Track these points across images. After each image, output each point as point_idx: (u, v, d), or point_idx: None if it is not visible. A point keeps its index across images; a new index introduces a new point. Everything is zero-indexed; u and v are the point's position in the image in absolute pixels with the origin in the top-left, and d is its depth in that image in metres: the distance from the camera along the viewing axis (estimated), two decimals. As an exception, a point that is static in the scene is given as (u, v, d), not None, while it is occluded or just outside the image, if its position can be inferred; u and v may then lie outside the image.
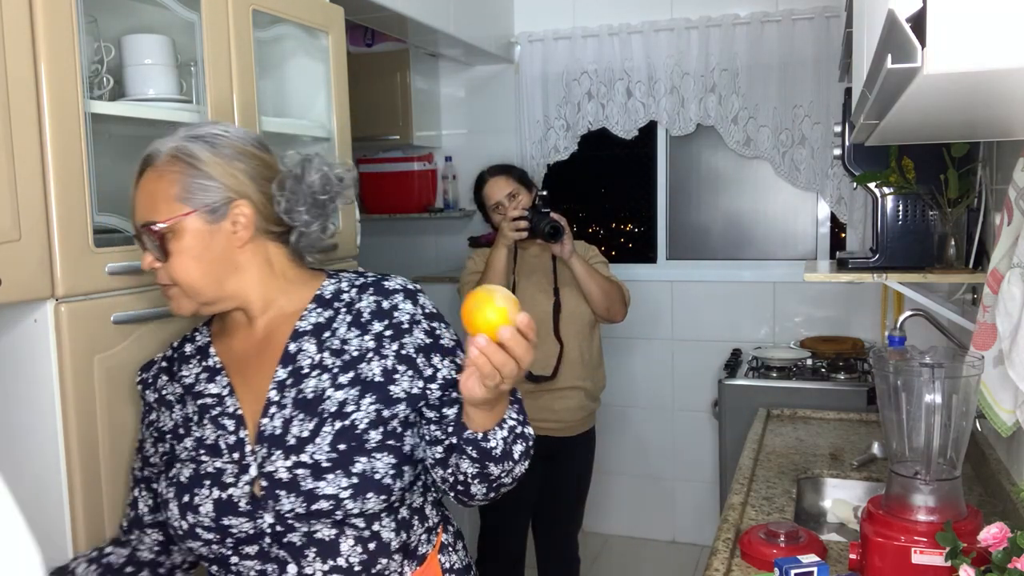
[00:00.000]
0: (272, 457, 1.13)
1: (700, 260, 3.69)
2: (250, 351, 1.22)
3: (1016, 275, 1.31)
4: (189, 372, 1.26)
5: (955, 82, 0.72)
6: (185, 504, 1.15)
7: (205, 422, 1.19)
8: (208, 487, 1.14)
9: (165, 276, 1.18)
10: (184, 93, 1.70)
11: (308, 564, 1.13)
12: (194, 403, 1.22)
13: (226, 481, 1.14)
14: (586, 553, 2.95)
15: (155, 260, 1.17)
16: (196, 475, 1.16)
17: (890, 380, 1.30)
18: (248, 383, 1.20)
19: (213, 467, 1.16)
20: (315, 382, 1.16)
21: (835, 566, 1.41)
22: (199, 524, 1.14)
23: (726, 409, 3.01)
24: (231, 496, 1.13)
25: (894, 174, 1.99)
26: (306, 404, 1.15)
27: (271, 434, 1.15)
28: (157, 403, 1.27)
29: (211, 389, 1.21)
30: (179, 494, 1.16)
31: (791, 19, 3.25)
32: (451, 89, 3.88)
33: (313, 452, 1.12)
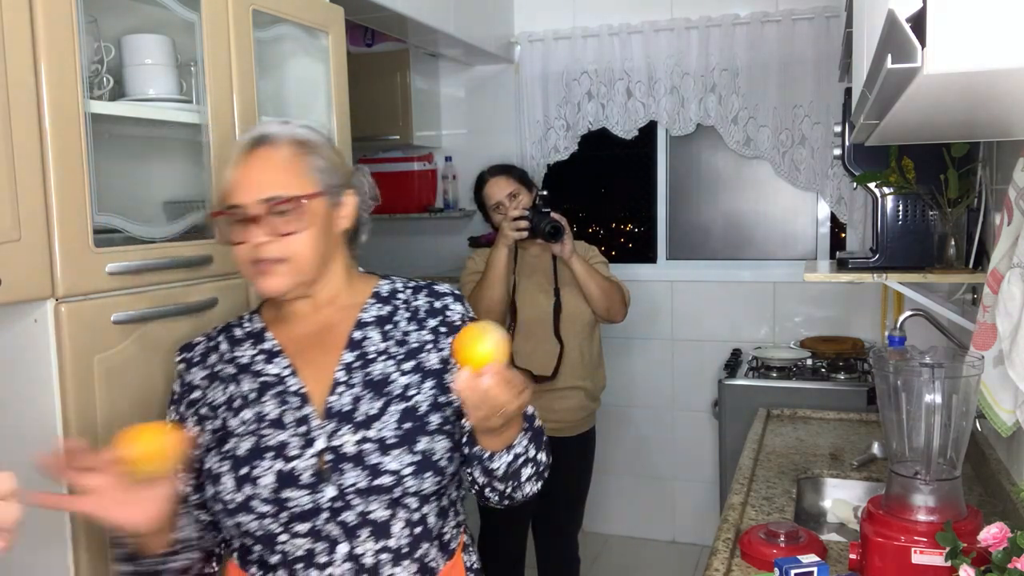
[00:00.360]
0: (340, 432, 1.17)
1: (700, 260, 3.69)
2: (310, 337, 1.26)
3: (1016, 275, 1.31)
4: (243, 353, 1.27)
5: (955, 82, 0.72)
6: (243, 476, 1.15)
7: (265, 399, 1.21)
8: (270, 459, 1.16)
9: (276, 250, 1.18)
10: (184, 93, 1.70)
11: (360, 544, 1.16)
12: (252, 381, 1.23)
13: (290, 454, 1.16)
14: (586, 553, 2.95)
15: (271, 233, 1.17)
16: (257, 448, 1.17)
17: (890, 380, 1.30)
18: (309, 366, 1.23)
19: (276, 440, 1.17)
20: (381, 366, 1.23)
21: (835, 566, 1.41)
22: (256, 496, 1.15)
23: (726, 409, 3.01)
24: (294, 469, 1.15)
25: (894, 174, 1.99)
26: (374, 385, 1.21)
27: (339, 410, 1.19)
28: (208, 379, 1.26)
29: (271, 369, 1.24)
30: (236, 467, 1.16)
31: (791, 19, 3.25)
32: (451, 89, 3.88)
33: (380, 428, 1.18)
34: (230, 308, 1.68)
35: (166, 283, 1.54)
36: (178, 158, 1.83)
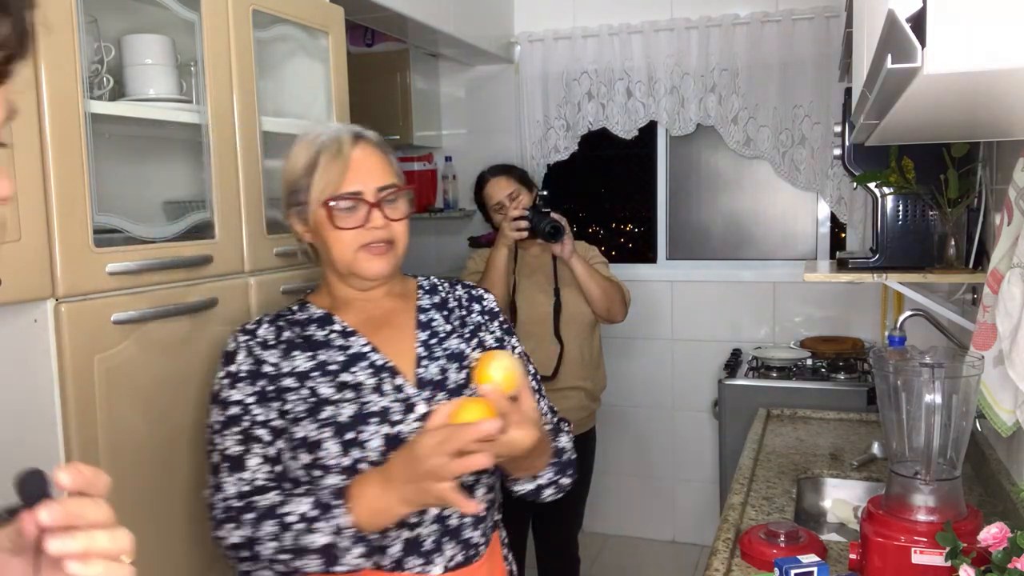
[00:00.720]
0: (436, 398, 1.27)
1: (700, 260, 3.69)
2: (377, 320, 1.34)
3: (1016, 275, 1.31)
4: (314, 332, 1.31)
5: (955, 82, 0.72)
6: (349, 440, 1.21)
7: (355, 370, 1.27)
8: (376, 423, 1.22)
9: (387, 234, 1.30)
10: (184, 93, 1.70)
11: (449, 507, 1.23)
12: (337, 353, 1.29)
13: (394, 418, 1.23)
14: (586, 553, 2.95)
15: (387, 217, 1.29)
16: (360, 414, 1.23)
17: (890, 380, 1.30)
18: (384, 344, 1.31)
19: (379, 406, 1.24)
20: (454, 342, 1.36)
21: (835, 566, 1.41)
22: (364, 459, 1.20)
23: (726, 409, 3.01)
24: (399, 432, 1.22)
25: (894, 174, 1.99)
26: (453, 357, 1.33)
27: (431, 379, 1.29)
28: (287, 349, 1.28)
29: (351, 345, 1.30)
30: (340, 432, 1.21)
31: (791, 19, 3.25)
32: (451, 89, 3.88)
33: (468, 394, 1.28)
34: (230, 308, 1.68)
35: (166, 283, 1.54)
36: (178, 158, 1.83)
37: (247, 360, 1.28)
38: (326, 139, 1.29)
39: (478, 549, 1.31)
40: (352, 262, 1.29)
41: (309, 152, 1.29)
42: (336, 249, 1.29)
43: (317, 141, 1.30)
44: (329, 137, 1.30)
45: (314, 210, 1.28)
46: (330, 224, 1.27)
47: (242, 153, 1.72)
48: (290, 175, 1.31)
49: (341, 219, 1.27)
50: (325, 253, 1.33)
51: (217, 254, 1.65)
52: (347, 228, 1.27)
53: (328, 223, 1.27)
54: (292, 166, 1.31)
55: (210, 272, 1.65)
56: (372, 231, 1.28)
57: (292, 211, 1.33)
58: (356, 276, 1.31)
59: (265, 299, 1.77)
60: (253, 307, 1.75)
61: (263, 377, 1.26)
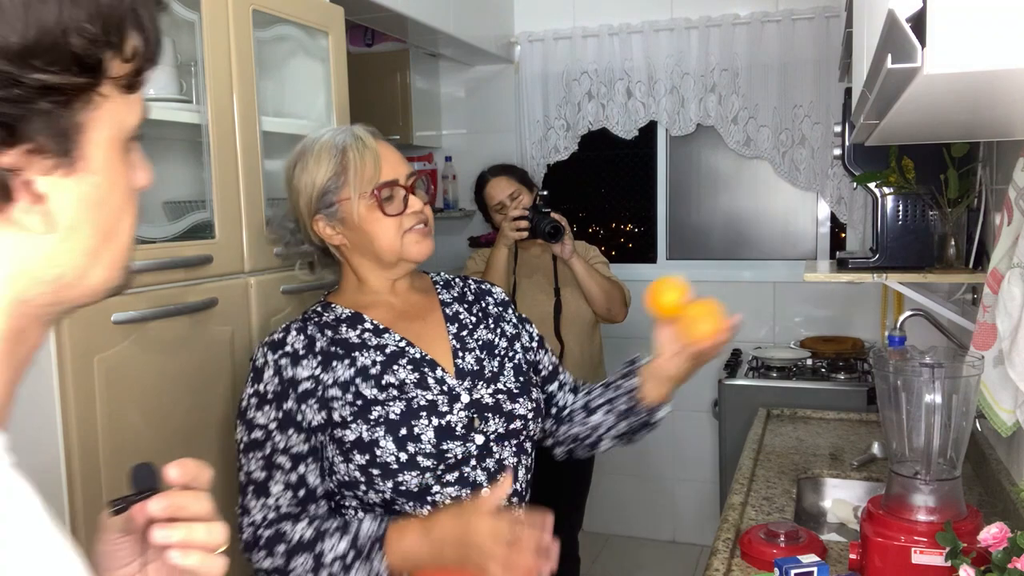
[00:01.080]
0: (477, 387, 1.33)
1: (700, 260, 3.69)
2: (405, 316, 1.38)
3: (1016, 275, 1.31)
4: (348, 333, 1.33)
5: (955, 82, 0.72)
6: (404, 436, 1.25)
7: (396, 368, 1.30)
8: (426, 416, 1.27)
9: (427, 216, 1.38)
10: (184, 93, 1.70)
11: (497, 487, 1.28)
12: (374, 353, 1.31)
13: (441, 410, 1.28)
14: (586, 553, 2.95)
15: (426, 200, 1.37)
16: (410, 409, 1.27)
17: (890, 380, 1.30)
18: (417, 338, 1.35)
19: (425, 400, 1.29)
20: (483, 332, 1.42)
21: (835, 566, 1.41)
22: (420, 452, 1.25)
23: (726, 409, 3.01)
24: (448, 422, 1.28)
25: (894, 174, 1.99)
26: (485, 347, 1.40)
27: (470, 370, 1.35)
28: (322, 364, 1.28)
29: (388, 342, 1.33)
30: (394, 429, 1.25)
31: (791, 19, 3.25)
32: (451, 89, 3.88)
33: (505, 381, 1.37)
34: (230, 308, 1.68)
35: (166, 283, 1.54)
36: (178, 158, 1.83)
37: (274, 380, 1.27)
38: (344, 139, 1.33)
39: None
40: (401, 247, 1.33)
41: (332, 154, 1.32)
42: (384, 238, 1.32)
43: (335, 142, 1.32)
44: (347, 136, 1.33)
45: (356, 205, 1.30)
46: (379, 212, 1.31)
47: (242, 153, 1.72)
48: (318, 180, 1.32)
49: (392, 206, 1.32)
50: (365, 247, 1.34)
51: (217, 254, 1.65)
52: (394, 215, 1.32)
53: (377, 211, 1.31)
54: (317, 172, 1.32)
55: (210, 272, 1.65)
56: (415, 214, 1.34)
57: (319, 216, 1.33)
58: (405, 261, 1.35)
59: (265, 299, 1.77)
60: (253, 307, 1.75)
61: (292, 397, 1.26)
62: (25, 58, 0.46)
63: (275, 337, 1.31)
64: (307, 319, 1.35)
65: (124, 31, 0.50)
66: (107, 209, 0.54)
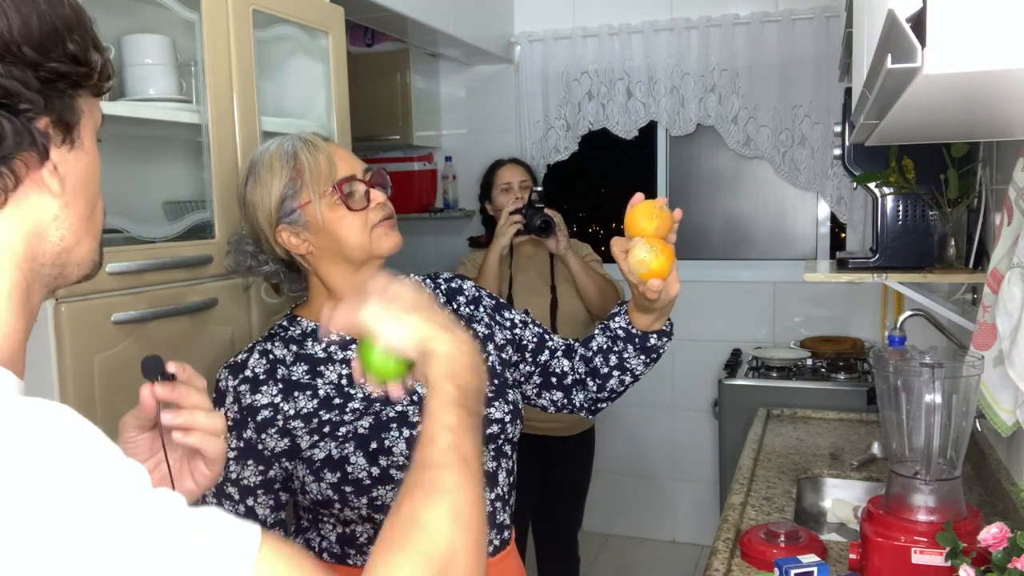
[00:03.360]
0: None
1: (700, 260, 3.69)
2: None
3: (1016, 275, 1.31)
4: (312, 349, 1.29)
5: (955, 82, 0.72)
6: (375, 450, 1.22)
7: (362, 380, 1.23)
8: (396, 428, 1.24)
9: (392, 210, 1.32)
10: (184, 93, 1.70)
11: None
12: (340, 367, 1.28)
13: (412, 420, 1.25)
14: (586, 553, 2.95)
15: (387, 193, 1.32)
16: (379, 423, 1.24)
17: (890, 380, 1.30)
18: None
19: (394, 411, 1.25)
20: None
21: (835, 566, 1.41)
22: (393, 465, 1.22)
23: (726, 409, 3.01)
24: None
25: (894, 174, 1.99)
26: None
27: None
28: (284, 392, 1.25)
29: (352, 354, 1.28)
30: (364, 444, 1.22)
31: (791, 19, 3.25)
32: (451, 89, 3.88)
33: None
34: (230, 308, 1.68)
35: (166, 283, 1.54)
36: (178, 158, 1.83)
37: (233, 407, 1.25)
38: (292, 145, 1.28)
39: (510, 531, 1.36)
40: (369, 242, 1.28)
41: (283, 160, 1.27)
42: (351, 236, 1.27)
43: (284, 150, 1.28)
44: (294, 141, 1.28)
45: (318, 206, 1.25)
46: (344, 209, 1.26)
47: (242, 153, 1.72)
48: (274, 190, 1.26)
49: (357, 202, 1.27)
50: (333, 250, 1.29)
51: (217, 254, 1.65)
52: (359, 209, 1.27)
53: (342, 208, 1.26)
54: (271, 182, 1.27)
55: (210, 272, 1.65)
56: (380, 207, 1.29)
57: (282, 227, 1.27)
58: (375, 256, 1.29)
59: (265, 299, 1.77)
60: (253, 307, 1.75)
61: (251, 426, 1.24)
62: (45, 48, 0.58)
63: (238, 359, 1.28)
64: (272, 335, 1.32)
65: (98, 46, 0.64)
66: (92, 186, 0.66)
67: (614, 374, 1.38)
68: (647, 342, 1.35)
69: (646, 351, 1.36)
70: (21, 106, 0.58)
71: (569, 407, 1.44)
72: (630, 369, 1.38)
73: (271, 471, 1.25)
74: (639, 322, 1.33)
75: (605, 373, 1.39)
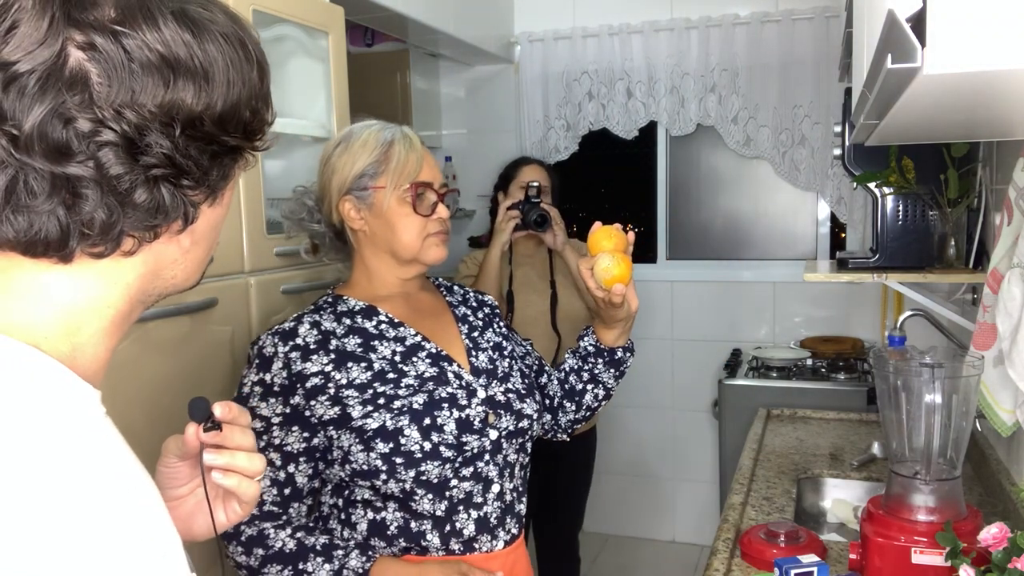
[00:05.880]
0: (491, 385, 1.37)
1: (700, 260, 3.69)
2: (417, 313, 1.41)
3: (1016, 275, 1.31)
4: (363, 324, 1.35)
5: (955, 82, 0.72)
6: (428, 426, 1.27)
7: (415, 360, 1.34)
8: (447, 408, 1.30)
9: (448, 226, 1.40)
10: (184, 93, 1.70)
11: (504, 483, 1.36)
12: (394, 344, 1.34)
13: (461, 403, 1.32)
14: (586, 553, 2.95)
15: (450, 213, 1.41)
16: (432, 400, 1.30)
17: (890, 380, 1.30)
18: (432, 335, 1.39)
19: (446, 392, 1.32)
20: (490, 335, 1.47)
21: (835, 566, 1.41)
22: (443, 442, 1.28)
23: (726, 409, 3.01)
24: (468, 416, 1.32)
25: (894, 174, 1.99)
26: (496, 348, 1.45)
27: (484, 368, 1.39)
28: (337, 360, 1.30)
29: (405, 336, 1.36)
30: (418, 418, 1.27)
31: (791, 19, 3.24)
32: (451, 89, 3.88)
33: (514, 381, 1.41)
34: (230, 308, 1.68)
35: (166, 283, 1.54)
36: (178, 158, 1.83)
37: (282, 373, 1.28)
38: (392, 134, 1.37)
39: (524, 521, 1.43)
40: (420, 248, 1.36)
41: (378, 142, 1.36)
42: (406, 234, 1.35)
43: (383, 135, 1.37)
44: (396, 132, 1.38)
45: (389, 195, 1.34)
46: (410, 208, 1.34)
47: (242, 153, 1.72)
48: (358, 163, 1.35)
49: (424, 206, 1.36)
50: (384, 239, 1.36)
51: (217, 254, 1.64)
52: (424, 215, 1.35)
53: (408, 207, 1.35)
54: (359, 155, 1.35)
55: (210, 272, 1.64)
56: (440, 221, 1.38)
57: (348, 196, 1.35)
58: (419, 262, 1.38)
59: (265, 299, 1.77)
60: (253, 307, 1.75)
61: (300, 392, 1.28)
62: (223, 122, 0.61)
63: (286, 326, 1.33)
64: (319, 308, 1.37)
65: (268, 105, 0.67)
66: (217, 233, 0.71)
67: (588, 388, 1.51)
68: (614, 355, 1.49)
69: (614, 364, 1.50)
70: (184, 181, 0.60)
71: (555, 428, 1.56)
72: (602, 382, 1.50)
73: (315, 439, 1.29)
74: (605, 338, 1.47)
75: (580, 389, 1.51)
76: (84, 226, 0.56)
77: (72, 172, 0.55)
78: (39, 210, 0.55)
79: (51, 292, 0.59)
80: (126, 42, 0.55)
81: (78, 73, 0.54)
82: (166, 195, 0.59)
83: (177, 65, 0.57)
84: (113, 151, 0.55)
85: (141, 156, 0.57)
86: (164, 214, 0.59)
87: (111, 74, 0.55)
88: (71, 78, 0.54)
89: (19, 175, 0.54)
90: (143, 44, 0.56)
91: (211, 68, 0.59)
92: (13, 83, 0.53)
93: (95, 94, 0.54)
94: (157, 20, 0.56)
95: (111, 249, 0.59)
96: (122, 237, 0.59)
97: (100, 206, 0.56)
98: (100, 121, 0.55)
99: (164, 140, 0.57)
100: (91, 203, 0.56)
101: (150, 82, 0.56)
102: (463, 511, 1.31)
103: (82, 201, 0.56)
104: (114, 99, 0.55)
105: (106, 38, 0.55)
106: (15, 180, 0.54)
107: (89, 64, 0.54)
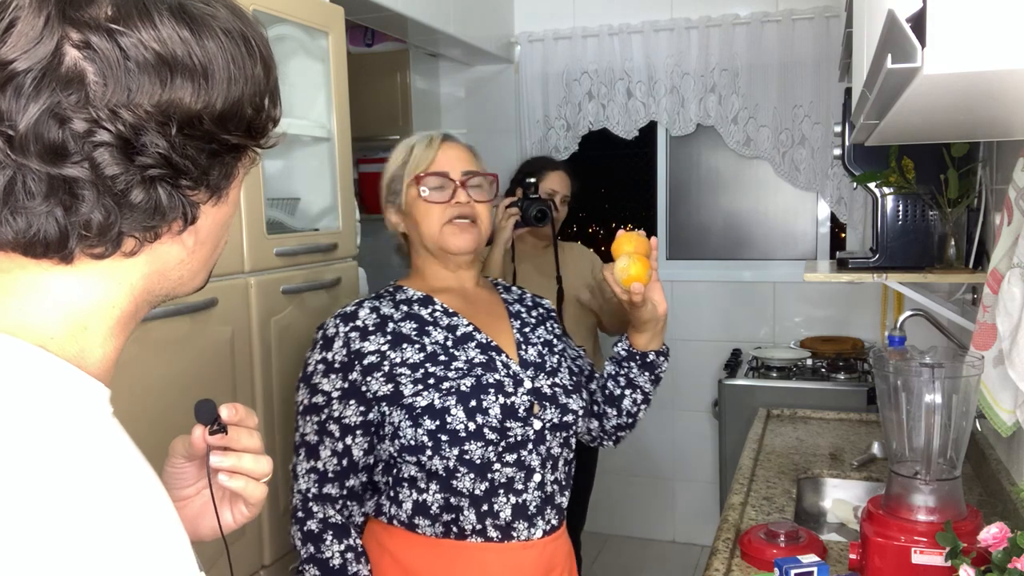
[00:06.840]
0: (538, 377, 1.42)
1: (700, 260, 3.69)
2: (472, 306, 1.47)
3: (1016, 275, 1.31)
4: (420, 311, 1.43)
5: (955, 82, 0.72)
6: (473, 408, 1.33)
7: (465, 347, 1.40)
8: (494, 393, 1.35)
9: (470, 211, 1.43)
10: (184, 93, 1.70)
11: (546, 474, 1.39)
12: (446, 331, 1.41)
13: (507, 390, 1.37)
14: (586, 553, 2.95)
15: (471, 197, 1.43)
16: (479, 384, 1.35)
17: (890, 380, 1.30)
18: (484, 327, 1.44)
19: (494, 379, 1.37)
20: (541, 332, 1.51)
21: (835, 566, 1.41)
22: (487, 424, 1.33)
23: (726, 409, 3.01)
24: (513, 403, 1.36)
25: (894, 174, 1.99)
26: (546, 344, 1.49)
27: (533, 361, 1.44)
28: (391, 342, 1.37)
29: (457, 325, 1.42)
30: (464, 400, 1.33)
31: (791, 19, 3.25)
32: (451, 89, 3.88)
33: (562, 377, 1.45)
34: (229, 308, 1.68)
35: (166, 283, 1.54)
36: (178, 158, 1.83)
37: (342, 351, 1.36)
38: (419, 137, 1.47)
39: (564, 514, 1.46)
40: (439, 236, 1.42)
41: (405, 149, 1.46)
42: (425, 224, 1.42)
43: (411, 140, 1.47)
44: (423, 135, 1.47)
45: (407, 190, 1.43)
46: (419, 198, 1.41)
47: (242, 153, 1.72)
48: (389, 171, 1.47)
49: (429, 195, 1.42)
50: (416, 234, 1.45)
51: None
52: (435, 202, 1.41)
53: (418, 198, 1.42)
54: (391, 164, 1.47)
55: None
56: (456, 206, 1.41)
57: (390, 204, 1.47)
58: (443, 250, 1.43)
59: (265, 299, 1.77)
60: (253, 307, 1.75)
61: (357, 368, 1.35)
62: (223, 120, 0.60)
63: (347, 310, 1.41)
64: (380, 296, 1.45)
65: (275, 102, 0.68)
66: (224, 231, 0.69)
67: (626, 393, 1.53)
68: (647, 358, 1.51)
69: (648, 367, 1.52)
70: (182, 181, 0.59)
71: (602, 435, 1.60)
72: (639, 386, 1.53)
73: (370, 413, 1.35)
74: (637, 343, 1.50)
75: (619, 395, 1.54)
76: (82, 227, 0.56)
77: (68, 173, 0.54)
78: (37, 211, 0.55)
79: (55, 293, 0.59)
80: (122, 41, 0.54)
81: (74, 72, 0.54)
82: (163, 195, 0.58)
83: (174, 63, 0.56)
84: (109, 152, 0.55)
85: (137, 156, 0.56)
86: (162, 215, 0.59)
87: (107, 73, 0.54)
88: (67, 77, 0.53)
89: (17, 176, 0.54)
90: (139, 43, 0.55)
91: (210, 65, 0.58)
92: (10, 82, 0.53)
93: (91, 94, 0.54)
94: (153, 17, 0.56)
95: (111, 250, 0.58)
96: (122, 238, 0.58)
97: (97, 207, 0.56)
98: (95, 121, 0.54)
99: (160, 140, 0.56)
100: (88, 204, 0.56)
101: (147, 81, 0.55)
102: (503, 495, 1.35)
103: (79, 202, 0.55)
104: (110, 99, 0.54)
105: (102, 37, 0.54)
106: (13, 181, 0.54)
107: (85, 63, 0.54)
